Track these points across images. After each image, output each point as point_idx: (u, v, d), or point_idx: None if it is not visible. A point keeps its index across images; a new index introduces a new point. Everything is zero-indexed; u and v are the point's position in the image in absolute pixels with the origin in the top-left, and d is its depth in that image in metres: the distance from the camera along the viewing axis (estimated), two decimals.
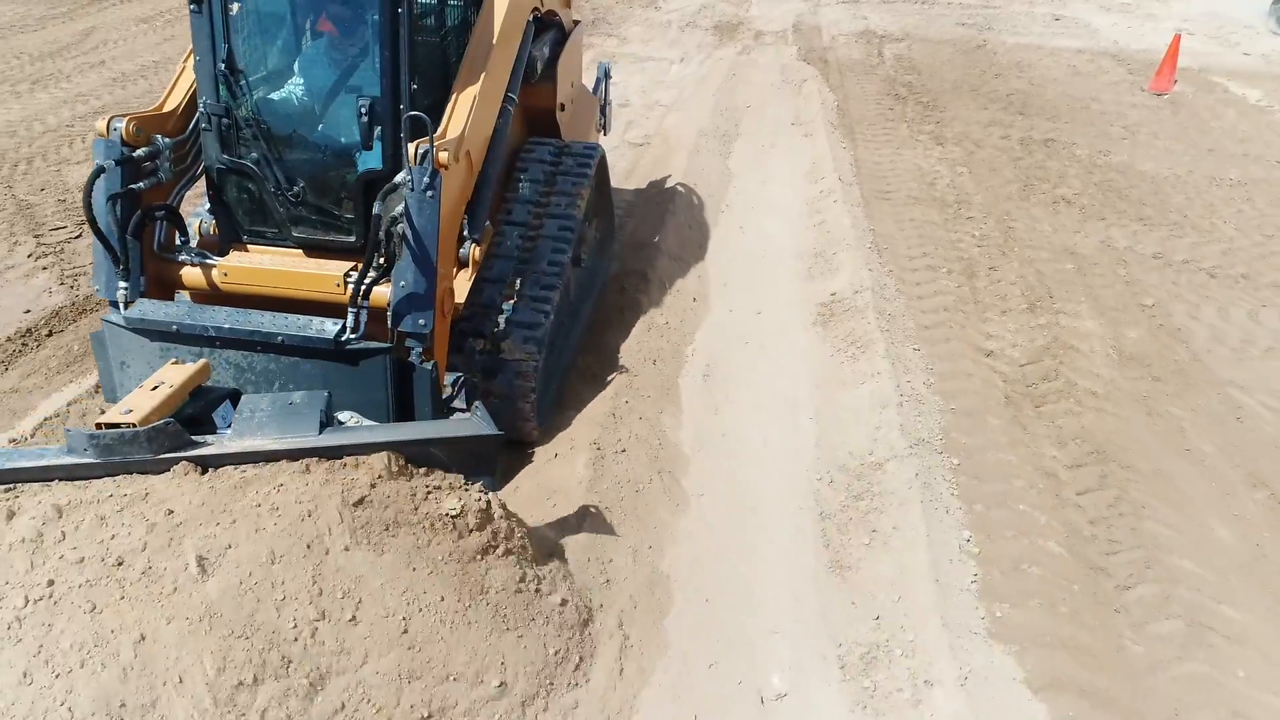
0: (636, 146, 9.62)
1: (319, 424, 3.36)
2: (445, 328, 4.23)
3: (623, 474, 4.52)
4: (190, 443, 3.25)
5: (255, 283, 4.36)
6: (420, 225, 3.87)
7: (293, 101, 4.34)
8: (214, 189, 4.43)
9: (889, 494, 4.41)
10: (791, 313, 6.31)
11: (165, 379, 3.51)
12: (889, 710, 3.38)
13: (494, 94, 4.72)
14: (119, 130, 4.13)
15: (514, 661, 3.25)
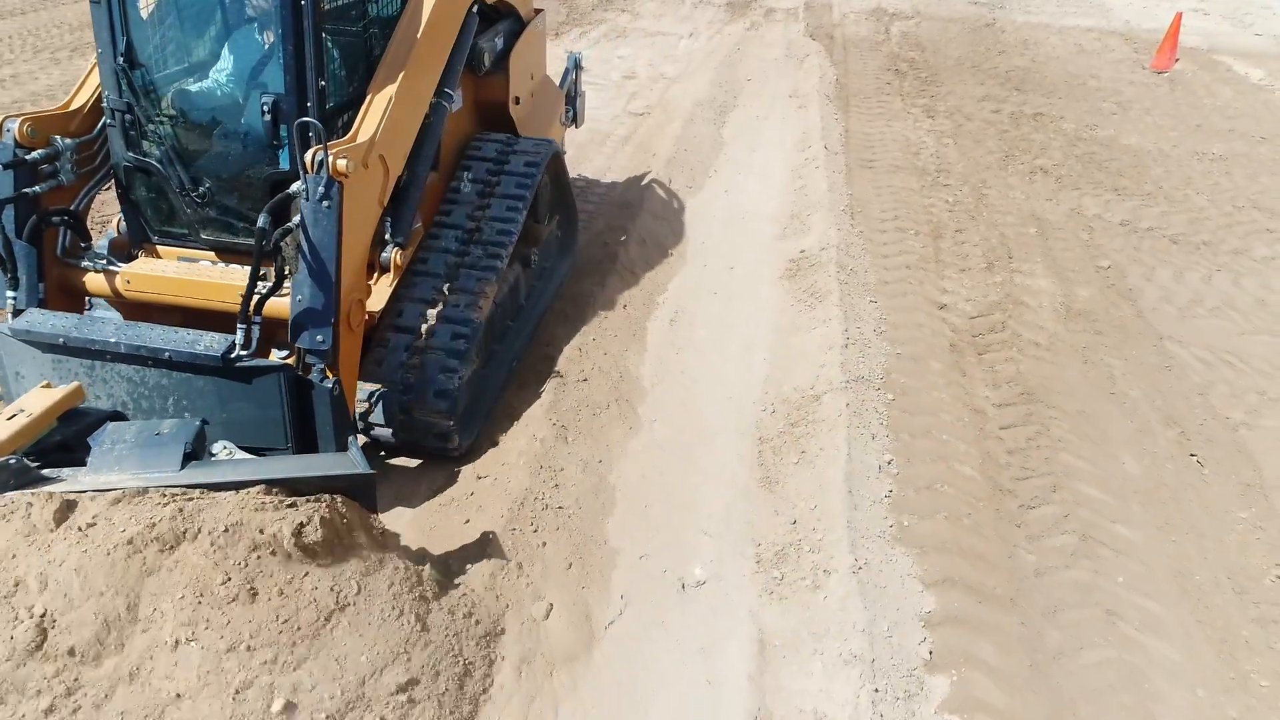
0: (637, 116, 10.03)
1: (181, 458, 3.13)
2: (354, 342, 4.00)
3: (582, 399, 4.99)
4: (38, 477, 3.02)
5: (158, 291, 4.17)
6: (317, 237, 3.61)
7: (197, 97, 4.12)
8: (122, 188, 4.25)
9: (821, 421, 4.83)
10: (762, 268, 6.71)
11: (26, 406, 3.22)
12: (791, 595, 3.83)
13: (418, 91, 4.45)
14: (11, 131, 3.93)
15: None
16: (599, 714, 3.39)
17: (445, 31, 4.74)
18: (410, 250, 4.64)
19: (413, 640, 3.12)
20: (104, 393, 3.81)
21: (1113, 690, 3.53)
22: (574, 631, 3.68)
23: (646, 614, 3.82)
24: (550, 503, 4.22)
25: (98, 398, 3.81)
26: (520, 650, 3.51)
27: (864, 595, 3.71)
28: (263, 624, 2.84)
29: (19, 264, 4.01)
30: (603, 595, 3.89)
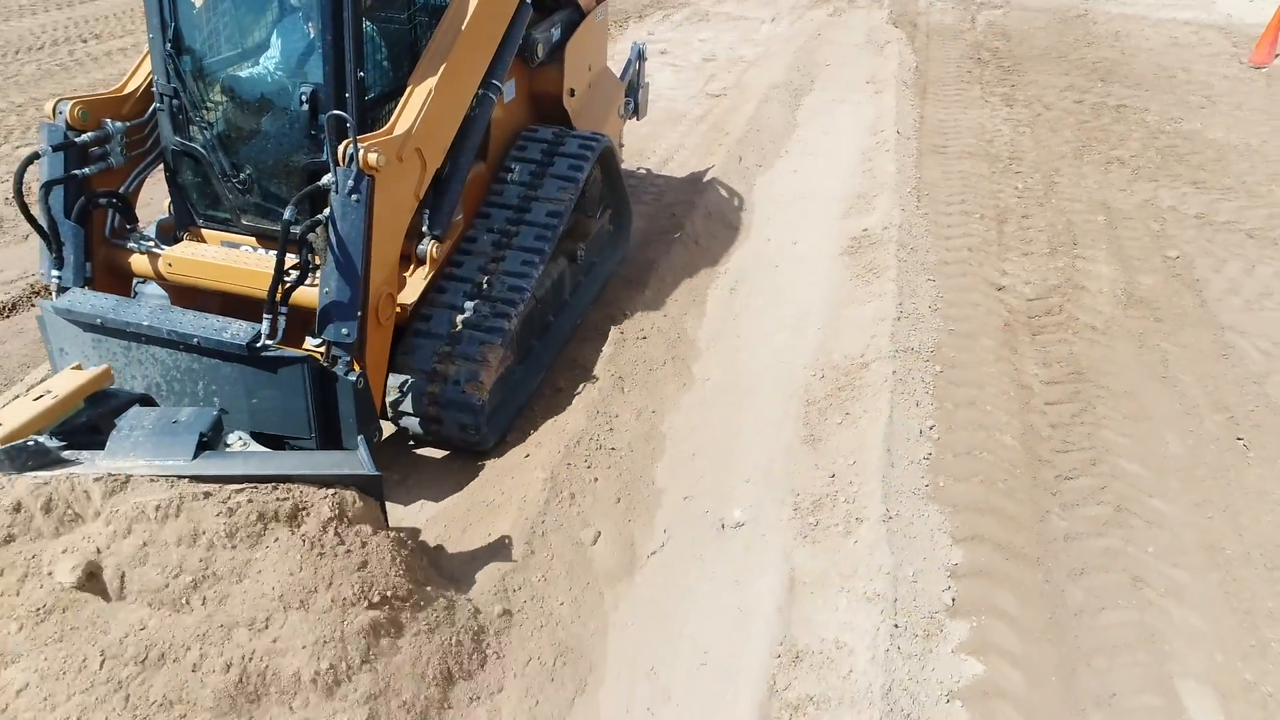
0: (714, 97, 10.26)
1: (195, 447, 3.15)
2: (383, 336, 4.07)
3: (640, 355, 5.29)
4: (56, 459, 3.06)
5: (197, 275, 4.25)
6: (345, 231, 3.65)
7: (243, 84, 4.17)
8: (169, 172, 4.34)
9: (867, 386, 5.03)
10: (823, 245, 6.89)
11: (53, 388, 3.28)
12: (823, 539, 4.07)
13: (462, 83, 4.41)
14: (63, 114, 4.01)
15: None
16: (636, 629, 3.70)
17: (493, 22, 4.66)
18: (449, 244, 4.58)
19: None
20: (139, 374, 3.89)
21: (1129, 648, 3.67)
22: (618, 557, 4.00)
23: (686, 548, 4.11)
24: (604, 444, 4.54)
25: (133, 378, 3.90)
26: (570, 579, 3.84)
27: (892, 543, 3.93)
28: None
29: (66, 243, 4.09)
30: (646, 528, 4.20)
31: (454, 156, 4.43)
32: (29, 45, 11.21)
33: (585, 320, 5.67)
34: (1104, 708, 3.42)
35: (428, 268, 4.48)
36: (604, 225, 6.08)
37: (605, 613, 3.76)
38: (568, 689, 3.43)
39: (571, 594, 3.76)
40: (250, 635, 2.88)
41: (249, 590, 2.92)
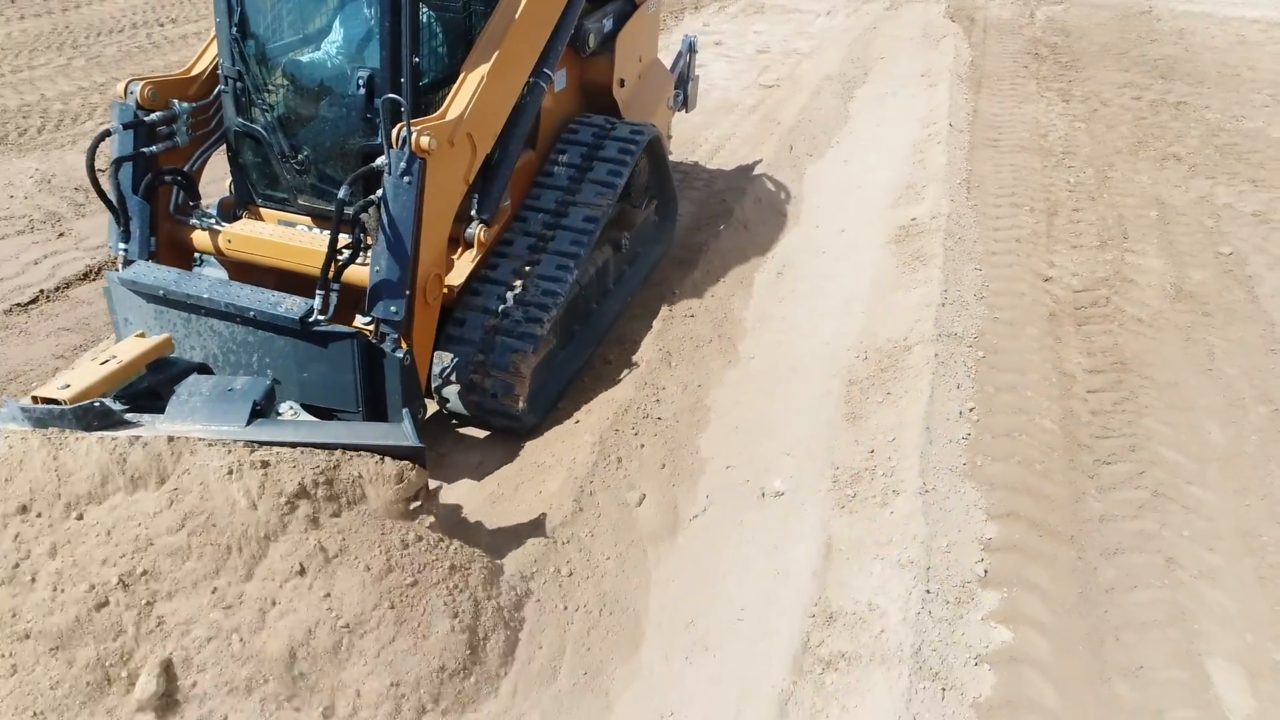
0: (766, 88, 10.37)
1: (248, 414, 3.29)
2: (430, 315, 4.16)
3: (687, 332, 5.46)
4: (120, 420, 3.20)
5: (254, 252, 4.41)
6: (396, 212, 3.77)
7: (304, 69, 4.31)
8: (231, 152, 4.51)
9: (909, 368, 5.14)
10: (871, 233, 6.98)
11: (118, 353, 3.43)
12: (860, 510, 4.21)
13: (513, 70, 4.50)
14: (134, 94, 4.17)
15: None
16: (677, 586, 3.89)
17: (547, 11, 4.76)
18: (496, 228, 4.69)
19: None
20: (197, 345, 4.06)
21: (1159, 625, 3.75)
22: (661, 518, 4.19)
23: (727, 514, 4.28)
24: (651, 413, 4.73)
25: (192, 349, 4.06)
26: (616, 536, 4.04)
27: (927, 514, 4.06)
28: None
29: (133, 218, 4.27)
30: (689, 493, 4.38)
31: (504, 143, 4.54)
32: (110, 28, 11.74)
33: (634, 298, 5.85)
34: (1130, 679, 3.51)
35: (475, 251, 4.58)
36: (649, 216, 6.15)
37: (648, 569, 3.95)
38: (611, 637, 3.62)
39: (617, 550, 3.95)
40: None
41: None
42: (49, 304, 5.82)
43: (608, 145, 5.33)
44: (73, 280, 6.06)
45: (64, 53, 10.76)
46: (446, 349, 4.41)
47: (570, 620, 3.62)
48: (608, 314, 5.51)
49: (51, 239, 6.58)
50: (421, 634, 3.17)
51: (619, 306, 5.65)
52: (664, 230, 6.40)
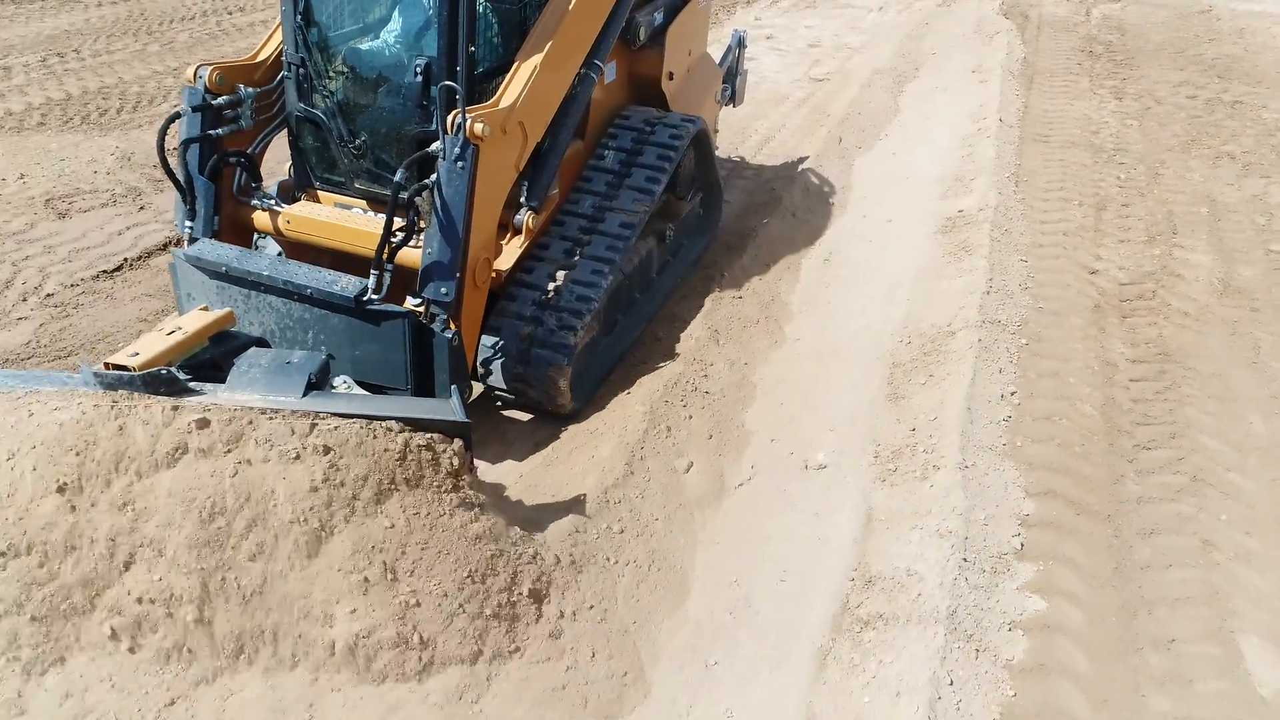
0: (817, 82, 10.48)
1: (304, 387, 3.41)
2: (478, 298, 4.27)
3: (735, 312, 5.64)
4: (185, 389, 3.34)
5: (312, 232, 4.55)
6: (449, 196, 3.87)
7: (364, 57, 4.45)
8: (292, 136, 4.65)
9: (952, 353, 5.26)
10: (917, 223, 7.08)
11: (183, 325, 3.59)
12: (900, 483, 4.36)
13: (565, 61, 4.59)
14: (203, 79, 4.33)
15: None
16: (722, 547, 4.08)
17: (599, 4, 4.87)
18: (544, 215, 4.79)
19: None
20: (256, 320, 4.21)
21: (1192, 602, 3.84)
22: (708, 485, 4.38)
23: (771, 483, 4.46)
24: (699, 387, 4.92)
25: (250, 324, 4.18)
26: (665, 499, 4.24)
27: (966, 489, 4.19)
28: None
29: (198, 197, 4.44)
30: (735, 463, 4.56)
31: (554, 132, 4.64)
32: (181, 15, 12.21)
33: (682, 283, 6.02)
34: (1161, 651, 3.62)
35: (523, 237, 4.70)
36: (694, 208, 6.22)
37: (694, 531, 4.15)
38: (659, 590, 3.82)
39: (665, 512, 4.15)
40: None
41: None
42: (132, 271, 6.17)
43: (656, 134, 5.42)
44: (153, 250, 6.42)
45: (139, 38, 11.23)
46: (494, 332, 4.54)
47: (620, 574, 3.82)
48: (650, 304, 5.61)
49: (133, 212, 6.95)
50: (478, 582, 3.38)
51: (661, 297, 5.74)
52: (708, 223, 6.46)
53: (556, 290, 4.62)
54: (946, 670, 3.38)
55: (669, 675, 3.50)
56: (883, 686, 3.37)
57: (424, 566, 3.28)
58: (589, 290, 4.65)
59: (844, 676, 3.47)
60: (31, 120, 8.58)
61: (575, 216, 4.99)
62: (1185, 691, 3.45)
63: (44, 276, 5.99)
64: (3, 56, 10.23)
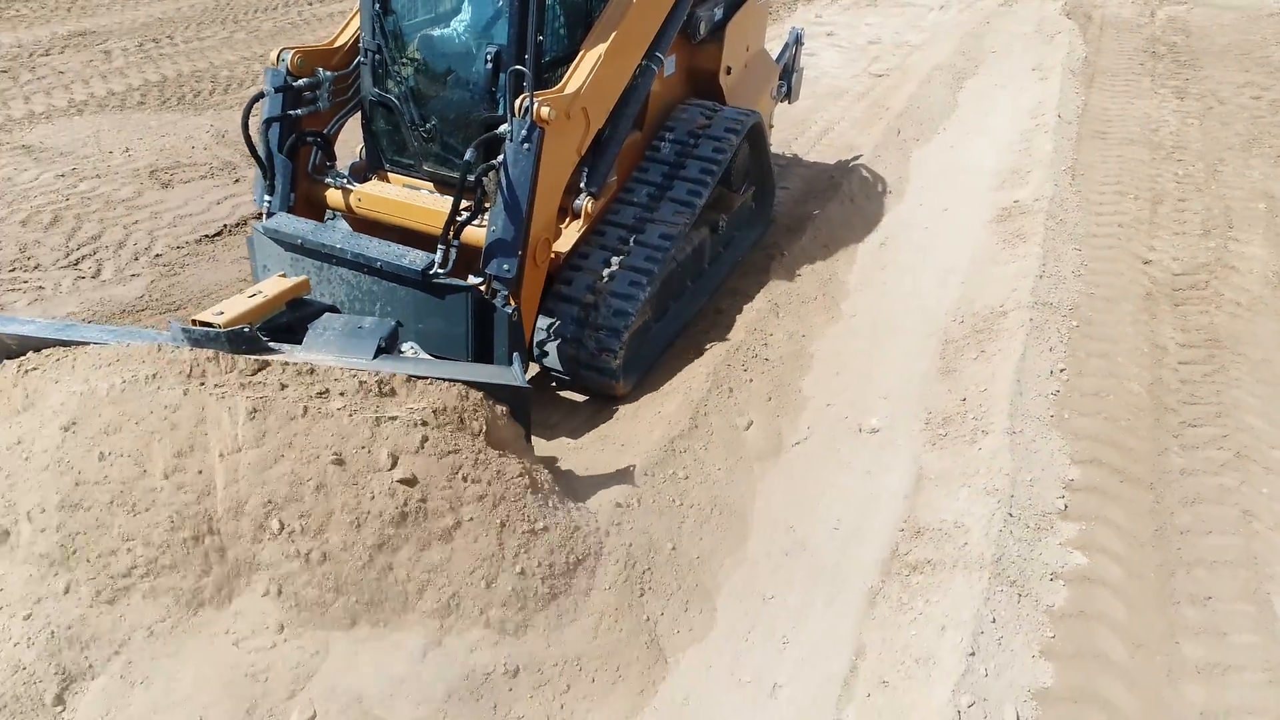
0: (876, 77, 10.66)
1: (375, 350, 3.60)
2: (538, 276, 4.43)
3: (794, 289, 5.91)
4: (265, 347, 3.53)
5: (381, 210, 4.76)
6: (514, 175, 4.03)
7: (438, 44, 4.63)
8: (365, 119, 4.86)
9: (1004, 331, 5.46)
10: (973, 212, 7.26)
11: (264, 289, 3.81)
12: (949, 446, 4.59)
13: (627, 52, 4.73)
14: (286, 61, 4.55)
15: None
16: (779, 497, 4.36)
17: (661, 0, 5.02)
18: (603, 201, 4.92)
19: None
20: (327, 292, 4.41)
21: (1230, 565, 4.03)
22: (767, 442, 4.67)
23: (826, 443, 4.73)
24: (759, 354, 5.20)
25: (321, 296, 4.33)
26: (726, 452, 4.54)
27: (1014, 452, 4.42)
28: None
29: (277, 174, 4.68)
30: (792, 424, 4.84)
31: (614, 121, 4.79)
32: (265, 6, 12.82)
33: (734, 271, 6.22)
34: (1197, 606, 3.82)
35: (581, 222, 4.85)
36: (747, 201, 6.31)
37: (753, 482, 4.44)
38: (720, 532, 4.12)
39: (726, 464, 4.45)
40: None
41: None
42: (230, 236, 6.65)
43: (712, 126, 5.56)
44: (249, 218, 6.88)
45: (227, 26, 11.85)
46: (550, 314, 4.70)
47: (685, 515, 4.12)
48: (701, 292, 5.74)
49: (229, 184, 7.45)
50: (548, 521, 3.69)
51: (712, 286, 5.87)
52: (760, 216, 6.58)
53: (611, 275, 4.75)
54: (990, 610, 3.62)
55: (729, 605, 3.80)
56: (929, 621, 3.63)
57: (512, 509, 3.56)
58: (643, 275, 4.79)
59: (892, 613, 3.73)
60: (132, 100, 9.18)
61: (632, 204, 5.14)
62: (1218, 642, 3.64)
63: (152, 239, 6.49)
64: (103, 41, 10.89)
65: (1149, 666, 3.53)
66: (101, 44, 10.79)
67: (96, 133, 8.25)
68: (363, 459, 3.33)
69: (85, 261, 6.16)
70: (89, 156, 7.73)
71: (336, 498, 3.28)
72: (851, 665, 3.53)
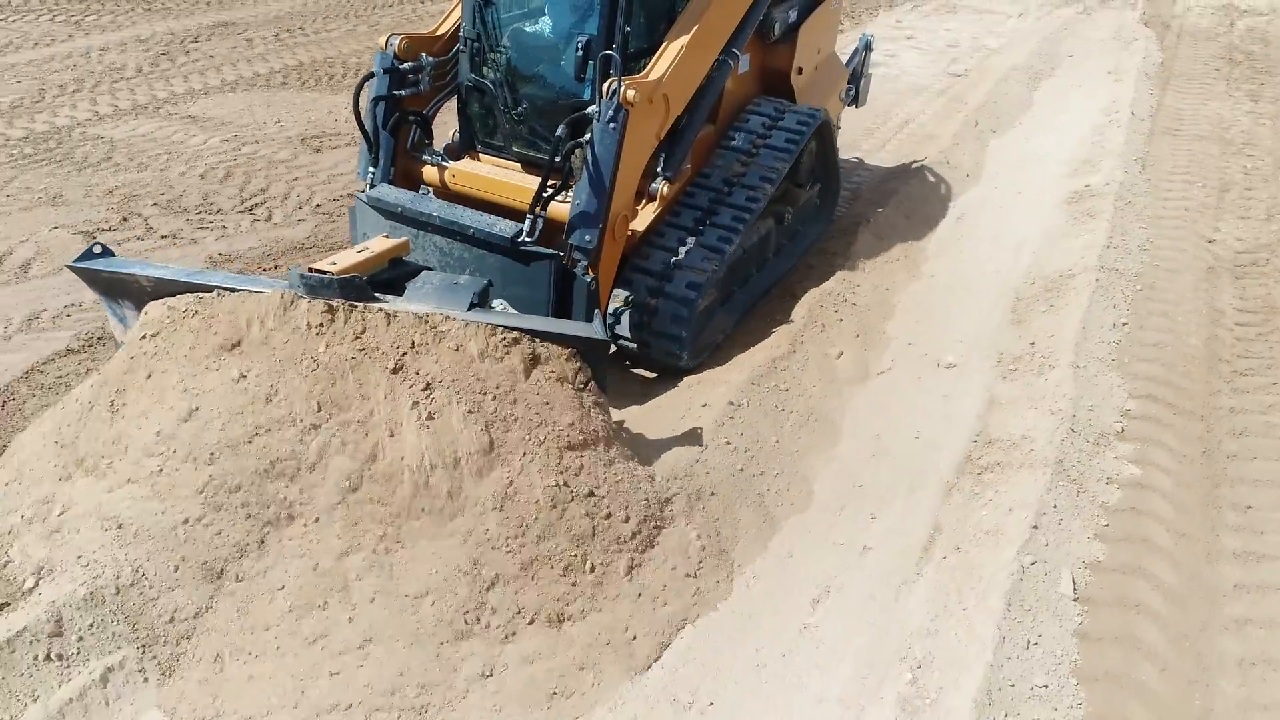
0: (955, 77, 11.23)
1: (469, 304, 3.95)
2: (615, 250, 4.69)
3: (878, 250, 6.55)
4: (371, 296, 3.87)
5: (473, 186, 5.09)
6: (600, 153, 4.30)
7: (531, 34, 4.97)
8: (461, 103, 5.21)
9: (1072, 290, 6.03)
10: (1045, 195, 7.81)
11: (371, 246, 4.18)
12: (1017, 379, 5.19)
13: (707, 46, 5.00)
14: (394, 46, 4.97)
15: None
16: (866, 414, 5.02)
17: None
18: (677, 186, 5.20)
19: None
20: (421, 257, 4.73)
21: (1272, 485, 4.54)
22: (855, 370, 5.33)
23: (906, 375, 5.37)
24: (848, 300, 5.86)
25: (415, 260, 4.57)
26: (820, 374, 5.21)
27: (1076, 382, 5.00)
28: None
29: (381, 149, 5.07)
30: (877, 357, 5.50)
31: (691, 111, 5.09)
32: (383, 3, 13.94)
33: (835, 220, 6.90)
34: (1238, 511, 4.35)
35: (657, 204, 5.13)
36: (812, 197, 6.54)
37: (844, 400, 5.10)
38: (815, 435, 4.80)
39: (820, 383, 5.12)
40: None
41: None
42: None
43: (784, 120, 5.86)
44: None
45: (349, 20, 12.96)
46: (624, 286, 4.93)
47: (785, 420, 4.81)
48: (764, 282, 5.96)
49: None
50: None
51: (775, 276, 6.07)
52: (824, 213, 6.78)
53: (684, 254, 5.04)
54: (1052, 499, 4.23)
55: (824, 488, 4.48)
56: (997, 506, 4.25)
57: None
58: (713, 255, 5.07)
59: (966, 501, 4.36)
60: (275, 80, 10.26)
61: (704, 190, 5.41)
62: (1254, 538, 4.18)
63: (311, 192, 7.44)
64: (243, 31, 12.08)
65: (1191, 551, 4.09)
66: (242, 33, 11.97)
67: (249, 106, 9.32)
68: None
69: (258, 208, 7.13)
70: (247, 125, 8.77)
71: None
72: (929, 536, 4.17)
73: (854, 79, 7.35)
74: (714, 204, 5.32)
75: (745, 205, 5.34)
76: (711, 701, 3.40)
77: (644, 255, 5.07)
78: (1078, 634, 3.64)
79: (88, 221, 6.76)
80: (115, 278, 4.27)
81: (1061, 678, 3.45)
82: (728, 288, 5.54)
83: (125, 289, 4.28)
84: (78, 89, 9.59)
